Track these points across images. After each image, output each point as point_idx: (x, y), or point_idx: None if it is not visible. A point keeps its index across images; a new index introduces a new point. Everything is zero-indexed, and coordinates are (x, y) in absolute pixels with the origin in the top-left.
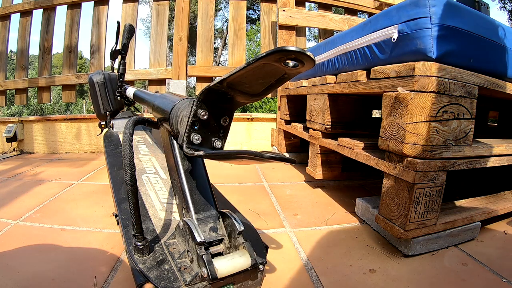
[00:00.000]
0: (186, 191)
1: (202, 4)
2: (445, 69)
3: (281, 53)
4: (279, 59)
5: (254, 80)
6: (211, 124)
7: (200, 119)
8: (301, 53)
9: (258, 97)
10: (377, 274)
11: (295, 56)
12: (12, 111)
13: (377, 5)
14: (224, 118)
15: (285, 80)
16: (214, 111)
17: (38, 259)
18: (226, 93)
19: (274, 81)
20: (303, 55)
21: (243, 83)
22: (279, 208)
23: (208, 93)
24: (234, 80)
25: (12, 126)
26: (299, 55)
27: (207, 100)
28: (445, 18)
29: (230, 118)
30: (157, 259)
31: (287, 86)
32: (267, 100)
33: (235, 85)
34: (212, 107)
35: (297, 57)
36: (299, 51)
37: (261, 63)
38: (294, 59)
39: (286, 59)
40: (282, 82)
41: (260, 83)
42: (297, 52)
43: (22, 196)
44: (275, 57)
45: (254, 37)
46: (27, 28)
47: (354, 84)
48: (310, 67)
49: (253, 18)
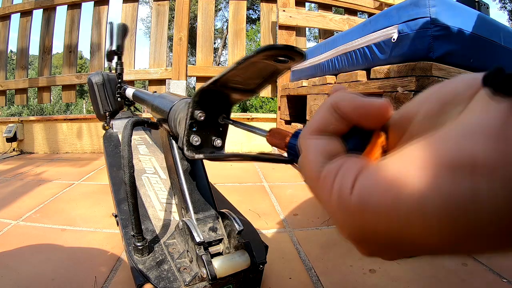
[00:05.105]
0: (185, 191)
1: (202, 4)
2: (445, 69)
3: (270, 51)
4: (269, 56)
5: (246, 77)
6: (209, 123)
7: (198, 120)
8: (289, 49)
9: (253, 93)
10: (377, 274)
11: (285, 53)
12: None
13: (377, 5)
14: (222, 116)
15: (278, 75)
16: (211, 111)
17: (38, 259)
18: (220, 92)
19: (267, 77)
20: (291, 51)
21: (236, 81)
22: (279, 208)
23: (202, 95)
24: (227, 80)
25: (12, 126)
26: (288, 52)
27: (202, 101)
28: (445, 18)
29: (228, 115)
30: (157, 259)
31: (287, 86)
32: (267, 100)
33: (229, 84)
34: (208, 107)
35: (286, 54)
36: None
37: (251, 62)
38: (284, 56)
39: (275, 56)
40: (275, 77)
41: (253, 80)
42: (285, 49)
43: (22, 196)
44: (264, 55)
45: (254, 37)
46: (27, 28)
47: (354, 84)
48: (300, 62)
49: (253, 18)
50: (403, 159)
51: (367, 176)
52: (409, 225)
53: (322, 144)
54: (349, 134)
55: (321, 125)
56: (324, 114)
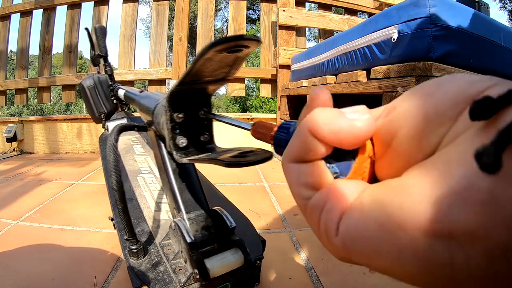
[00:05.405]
0: (175, 191)
1: (202, 4)
2: (445, 69)
3: (217, 47)
4: (220, 50)
5: (212, 70)
6: (191, 121)
7: (179, 122)
8: (234, 40)
9: (225, 80)
10: (377, 274)
11: (232, 45)
12: (12, 111)
13: (377, 5)
14: (203, 110)
15: (241, 60)
16: (190, 108)
17: (38, 259)
18: (192, 89)
19: (231, 64)
20: (238, 41)
21: (204, 76)
22: (279, 208)
23: (173, 97)
24: (193, 77)
25: (12, 126)
26: (235, 43)
27: (177, 102)
28: (445, 18)
29: (208, 108)
30: (152, 261)
31: (287, 86)
32: (267, 100)
33: (197, 80)
34: (186, 105)
35: (235, 45)
36: (233, 39)
37: (206, 58)
38: (236, 46)
39: (226, 49)
40: (240, 62)
41: (219, 70)
42: (230, 42)
43: (22, 196)
44: (214, 51)
45: None
46: (27, 28)
47: (354, 84)
48: (256, 46)
49: (253, 18)
50: (383, 210)
51: (350, 219)
52: (391, 271)
53: (303, 174)
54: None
55: (299, 152)
56: (301, 140)
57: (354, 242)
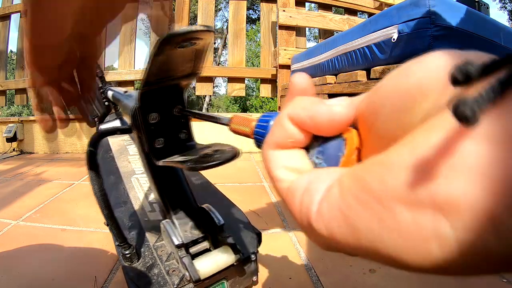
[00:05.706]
0: (161, 191)
1: (202, 4)
2: None
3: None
4: (172, 46)
5: (176, 66)
6: (167, 120)
7: (153, 123)
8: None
9: (195, 74)
10: (377, 274)
11: (180, 40)
12: (12, 111)
13: (377, 5)
14: (178, 108)
15: (203, 53)
16: (164, 107)
17: (38, 259)
18: (162, 87)
19: (194, 57)
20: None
21: (170, 73)
22: (279, 208)
23: (143, 97)
24: (158, 77)
25: (12, 126)
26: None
27: (148, 103)
28: (445, 18)
29: (183, 105)
30: (147, 265)
31: (287, 86)
32: (267, 100)
33: (162, 78)
34: (159, 105)
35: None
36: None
37: (162, 56)
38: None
39: (178, 43)
40: (203, 54)
41: (184, 65)
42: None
43: (22, 196)
44: (165, 48)
45: (254, 37)
46: None
47: (354, 84)
48: (210, 36)
49: (253, 18)
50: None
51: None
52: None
53: (285, 157)
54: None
55: (279, 139)
56: (281, 127)
57: (335, 221)
